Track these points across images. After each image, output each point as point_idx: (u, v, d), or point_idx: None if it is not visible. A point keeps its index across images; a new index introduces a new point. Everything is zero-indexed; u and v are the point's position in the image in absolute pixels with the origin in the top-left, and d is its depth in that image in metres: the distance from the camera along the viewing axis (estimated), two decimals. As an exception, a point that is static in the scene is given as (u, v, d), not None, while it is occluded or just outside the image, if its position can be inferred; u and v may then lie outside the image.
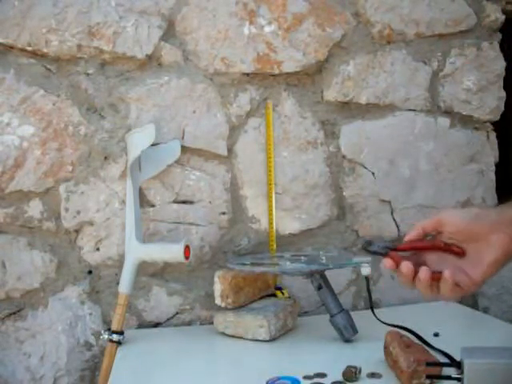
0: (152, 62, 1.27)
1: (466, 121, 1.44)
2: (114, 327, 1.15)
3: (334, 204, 1.37)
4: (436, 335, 1.09)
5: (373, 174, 1.38)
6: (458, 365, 0.79)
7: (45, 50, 1.21)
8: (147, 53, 1.25)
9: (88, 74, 1.24)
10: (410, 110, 1.40)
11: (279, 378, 0.90)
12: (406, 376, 0.85)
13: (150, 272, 1.29)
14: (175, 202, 1.29)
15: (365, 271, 1.08)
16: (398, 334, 0.96)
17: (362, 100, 1.36)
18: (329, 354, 1.04)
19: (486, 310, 1.45)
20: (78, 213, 1.25)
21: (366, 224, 1.38)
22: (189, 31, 1.28)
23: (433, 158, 1.41)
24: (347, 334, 1.09)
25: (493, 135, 1.46)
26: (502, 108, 1.44)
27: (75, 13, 1.21)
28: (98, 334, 1.25)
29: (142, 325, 1.29)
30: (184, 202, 1.30)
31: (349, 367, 0.90)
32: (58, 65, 1.23)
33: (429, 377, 0.84)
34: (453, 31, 1.40)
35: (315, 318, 1.30)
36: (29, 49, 1.21)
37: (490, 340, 1.06)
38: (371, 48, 1.36)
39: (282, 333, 1.15)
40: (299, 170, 1.35)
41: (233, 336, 1.15)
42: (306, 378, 0.91)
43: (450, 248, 0.79)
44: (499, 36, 1.44)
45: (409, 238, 0.81)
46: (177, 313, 1.31)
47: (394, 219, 1.40)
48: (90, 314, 1.27)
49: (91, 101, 1.25)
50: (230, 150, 1.32)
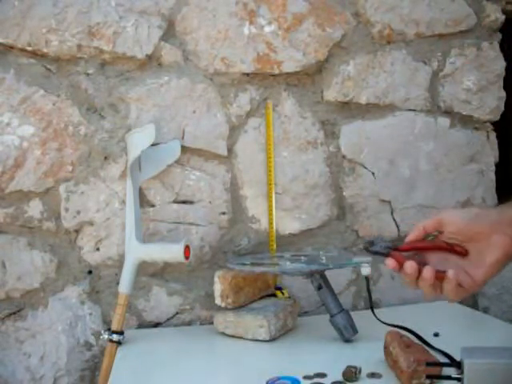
0: (152, 62, 1.27)
1: (466, 121, 1.44)
2: (114, 327, 1.15)
3: (334, 204, 1.37)
4: (436, 335, 1.09)
5: (373, 174, 1.38)
6: (457, 365, 0.79)
7: (45, 50, 1.21)
8: (147, 53, 1.25)
9: (88, 74, 1.24)
10: (410, 110, 1.40)
11: (279, 378, 0.90)
12: (406, 376, 0.85)
13: (149, 272, 1.29)
14: (175, 201, 1.29)
15: (365, 271, 1.08)
16: (398, 334, 0.96)
17: (362, 100, 1.36)
18: (329, 354, 1.04)
19: (486, 310, 1.45)
20: (78, 213, 1.25)
21: (366, 224, 1.38)
22: (189, 31, 1.28)
23: (433, 158, 1.41)
24: (347, 333, 1.09)
25: (493, 135, 1.46)
26: (502, 108, 1.44)
27: (75, 13, 1.21)
28: (98, 334, 1.25)
29: (142, 325, 1.29)
30: (184, 202, 1.30)
31: (349, 367, 0.90)
32: (57, 65, 1.23)
33: (429, 377, 0.84)
34: (453, 31, 1.40)
35: (315, 318, 1.30)
36: (29, 49, 1.21)
37: (490, 340, 1.06)
38: (371, 48, 1.36)
39: (282, 333, 1.15)
40: (299, 170, 1.35)
41: (233, 336, 1.15)
42: (305, 377, 0.91)
43: (452, 248, 0.79)
44: (499, 36, 1.44)
45: (410, 239, 0.81)
46: (177, 313, 1.31)
47: (394, 219, 1.40)
48: (90, 314, 1.27)
49: (91, 101, 1.25)
50: (230, 149, 1.32)
